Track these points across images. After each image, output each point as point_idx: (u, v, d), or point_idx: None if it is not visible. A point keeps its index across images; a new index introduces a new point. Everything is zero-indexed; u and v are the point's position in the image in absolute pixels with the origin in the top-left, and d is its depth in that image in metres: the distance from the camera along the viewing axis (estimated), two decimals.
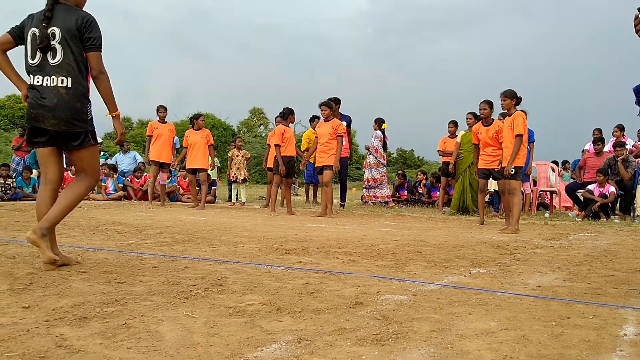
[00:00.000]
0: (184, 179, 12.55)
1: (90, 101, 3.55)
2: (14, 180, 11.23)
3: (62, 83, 3.38)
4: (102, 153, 14.09)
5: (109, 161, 13.58)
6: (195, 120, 10.63)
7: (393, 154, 52.41)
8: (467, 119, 10.13)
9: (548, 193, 12.04)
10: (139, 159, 13.89)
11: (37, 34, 3.36)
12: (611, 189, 9.82)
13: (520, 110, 10.23)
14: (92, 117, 3.53)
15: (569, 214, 10.84)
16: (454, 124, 11.00)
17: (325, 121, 8.88)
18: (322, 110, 8.87)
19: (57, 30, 3.36)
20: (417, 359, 1.90)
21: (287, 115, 9.55)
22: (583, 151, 12.04)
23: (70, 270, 3.40)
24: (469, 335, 2.19)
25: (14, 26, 3.50)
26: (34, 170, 12.14)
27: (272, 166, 9.64)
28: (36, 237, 3.32)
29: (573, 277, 3.66)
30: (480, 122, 8.15)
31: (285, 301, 2.70)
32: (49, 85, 3.38)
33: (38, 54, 3.39)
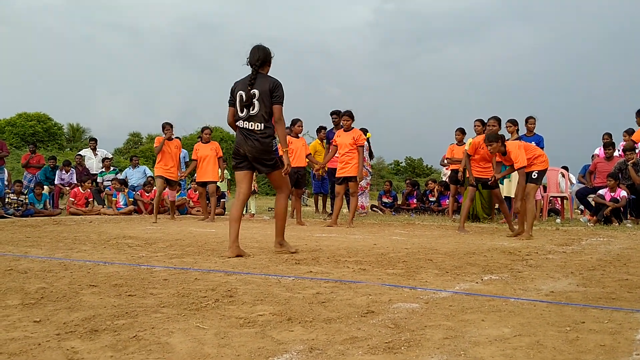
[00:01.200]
0: (194, 191, 12.58)
1: (275, 138, 4.87)
2: (26, 196, 11.30)
3: (257, 127, 4.76)
4: (112, 168, 14.16)
5: (119, 176, 13.64)
6: (201, 134, 10.69)
7: (401, 162, 52.39)
8: (474, 126, 10.10)
9: (559, 199, 11.98)
10: (149, 173, 13.94)
11: (243, 95, 4.76)
12: (622, 193, 9.74)
13: (529, 117, 10.23)
14: (276, 149, 4.86)
15: (581, 219, 10.76)
16: (461, 131, 10.96)
17: (345, 131, 8.83)
18: (344, 120, 8.81)
19: (256, 92, 4.74)
20: None
21: (291, 126, 9.50)
22: (593, 156, 11.96)
23: (81, 284, 3.40)
24: (482, 342, 2.16)
25: (229, 99, 4.95)
26: (45, 187, 12.22)
27: None
28: (278, 248, 4.98)
29: (587, 282, 3.62)
30: (483, 137, 8.08)
31: (296, 311, 2.68)
32: (248, 128, 4.77)
33: (244, 109, 4.78)
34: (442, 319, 2.55)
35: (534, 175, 7.01)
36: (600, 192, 10.10)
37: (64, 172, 13.33)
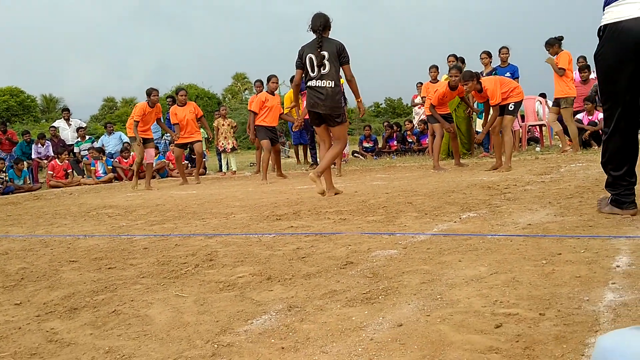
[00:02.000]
0: (173, 153, 12.42)
1: (343, 94, 5.58)
2: (6, 174, 11.13)
3: (329, 85, 5.40)
4: (87, 137, 13.95)
5: (96, 144, 13.44)
6: (176, 96, 10.13)
7: (382, 104, 52.18)
8: (448, 61, 10.02)
9: (537, 127, 12.02)
10: (125, 138, 13.73)
11: (313, 58, 5.42)
12: (600, 115, 9.77)
13: (502, 47, 10.14)
14: (344, 105, 5.38)
15: (560, 146, 10.82)
16: (436, 68, 10.84)
17: None
18: None
19: (325, 53, 5.39)
20: (406, 313, 1.89)
21: (266, 82, 9.16)
22: None
23: (61, 260, 3.38)
24: (459, 284, 2.18)
25: (296, 61, 5.59)
26: (24, 162, 12.02)
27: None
28: (315, 177, 5.37)
29: (564, 211, 3.64)
30: (447, 86, 7.99)
31: (276, 269, 2.68)
32: (320, 86, 5.41)
33: (316, 69, 5.42)
34: (419, 263, 2.56)
35: (510, 107, 7.09)
36: (578, 116, 10.13)
37: (39, 145, 13.10)
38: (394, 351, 1.60)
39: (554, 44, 9.02)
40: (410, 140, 12.96)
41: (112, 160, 12.56)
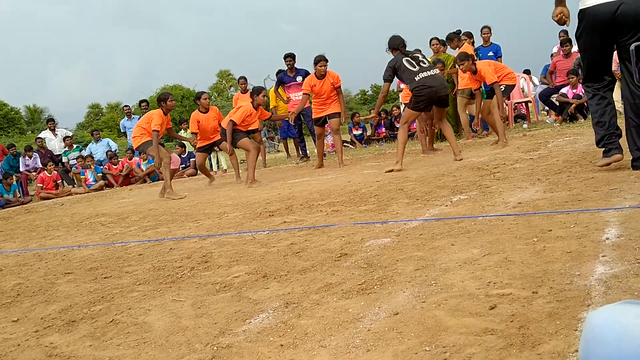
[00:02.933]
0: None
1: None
2: None
3: (436, 72, 6.32)
4: (75, 146, 13.86)
5: (84, 153, 13.36)
6: (197, 101, 8.83)
7: (368, 91, 52.14)
8: (431, 45, 10.02)
9: (523, 104, 12.06)
10: (112, 145, 13.67)
11: (410, 59, 6.26)
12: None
13: (483, 27, 10.17)
14: None
15: (547, 121, 10.87)
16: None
17: (321, 77, 8.24)
18: (320, 66, 8.17)
19: (418, 55, 6.37)
20: (402, 302, 1.91)
21: (253, 95, 8.54)
22: (552, 55, 11.96)
23: (56, 273, 3.37)
24: (453, 268, 2.19)
25: (387, 75, 6.40)
26: (13, 176, 11.94)
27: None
28: (460, 157, 6.40)
29: (553, 187, 3.66)
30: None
31: (271, 266, 2.69)
32: (432, 75, 6.21)
33: (416, 66, 6.23)
34: (413, 249, 2.58)
35: (501, 88, 7.39)
36: (563, 90, 10.16)
37: (27, 158, 13.01)
38: (391, 340, 1.62)
39: (453, 39, 9.21)
40: (399, 126, 12.97)
41: (102, 167, 12.50)
